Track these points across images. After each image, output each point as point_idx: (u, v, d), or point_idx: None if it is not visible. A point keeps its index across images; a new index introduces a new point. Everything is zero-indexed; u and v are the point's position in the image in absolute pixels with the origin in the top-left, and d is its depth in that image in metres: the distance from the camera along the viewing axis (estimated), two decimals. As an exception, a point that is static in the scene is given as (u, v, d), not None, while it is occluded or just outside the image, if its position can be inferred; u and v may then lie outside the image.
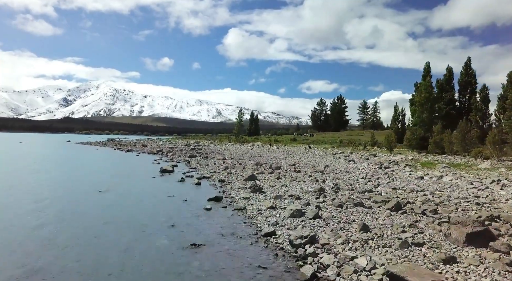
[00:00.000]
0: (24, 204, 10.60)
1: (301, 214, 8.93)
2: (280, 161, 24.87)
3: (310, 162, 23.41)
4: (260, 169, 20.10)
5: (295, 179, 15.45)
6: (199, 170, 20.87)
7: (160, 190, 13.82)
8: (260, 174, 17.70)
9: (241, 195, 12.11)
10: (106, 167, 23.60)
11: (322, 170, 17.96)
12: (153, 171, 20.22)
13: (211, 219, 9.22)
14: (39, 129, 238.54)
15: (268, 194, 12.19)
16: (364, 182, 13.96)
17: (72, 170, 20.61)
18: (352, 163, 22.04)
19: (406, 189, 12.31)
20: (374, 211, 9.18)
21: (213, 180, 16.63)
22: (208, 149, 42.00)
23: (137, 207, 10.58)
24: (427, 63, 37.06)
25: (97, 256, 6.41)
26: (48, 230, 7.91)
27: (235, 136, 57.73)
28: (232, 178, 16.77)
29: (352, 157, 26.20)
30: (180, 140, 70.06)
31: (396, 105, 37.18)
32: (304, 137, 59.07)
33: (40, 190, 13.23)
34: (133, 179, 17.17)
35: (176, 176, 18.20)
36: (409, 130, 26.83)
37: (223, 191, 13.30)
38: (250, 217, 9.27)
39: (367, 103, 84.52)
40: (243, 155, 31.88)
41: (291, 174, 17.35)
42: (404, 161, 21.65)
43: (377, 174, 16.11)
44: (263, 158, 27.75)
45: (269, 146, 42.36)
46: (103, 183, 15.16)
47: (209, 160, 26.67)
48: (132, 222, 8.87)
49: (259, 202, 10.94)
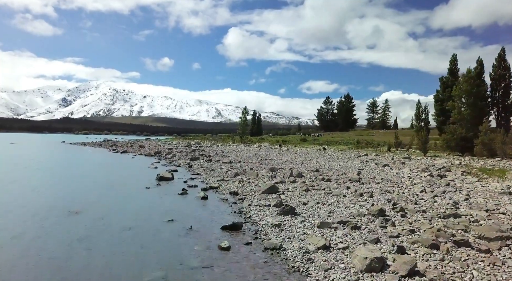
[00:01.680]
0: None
1: (383, 264, 5.40)
2: (298, 165, 21.33)
3: (335, 167, 19.86)
4: (278, 176, 16.58)
5: (329, 192, 11.91)
6: (204, 177, 17.37)
7: (154, 209, 10.27)
8: (281, 183, 14.18)
9: (267, 219, 8.59)
10: (93, 172, 20.03)
11: (358, 178, 14.42)
12: (149, 178, 16.71)
13: (232, 272, 5.68)
14: (38, 129, 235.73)
15: (306, 217, 8.67)
16: (429, 198, 10.41)
17: (49, 177, 17.00)
18: (388, 168, 18.46)
19: (509, 213, 8.59)
20: (504, 261, 5.59)
21: (223, 191, 13.11)
22: (211, 150, 38.46)
23: (117, 248, 7.00)
24: (454, 55, 33.59)
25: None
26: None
27: (239, 136, 54.02)
28: (246, 189, 13.26)
29: (381, 160, 22.63)
30: (180, 140, 66.40)
31: (418, 103, 33.63)
32: (312, 137, 55.45)
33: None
34: (121, 190, 13.61)
35: (176, 185, 14.69)
36: (448, 129, 23.23)
37: (240, 211, 9.76)
38: (297, 268, 5.72)
39: (376, 102, 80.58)
40: (251, 157, 28.34)
41: (320, 184, 13.81)
42: (453, 166, 18.10)
43: (434, 184, 12.55)
44: (276, 162, 24.22)
45: (279, 147, 38.75)
46: (80, 198, 11.61)
47: (214, 164, 23.15)
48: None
49: (298, 232, 7.42)
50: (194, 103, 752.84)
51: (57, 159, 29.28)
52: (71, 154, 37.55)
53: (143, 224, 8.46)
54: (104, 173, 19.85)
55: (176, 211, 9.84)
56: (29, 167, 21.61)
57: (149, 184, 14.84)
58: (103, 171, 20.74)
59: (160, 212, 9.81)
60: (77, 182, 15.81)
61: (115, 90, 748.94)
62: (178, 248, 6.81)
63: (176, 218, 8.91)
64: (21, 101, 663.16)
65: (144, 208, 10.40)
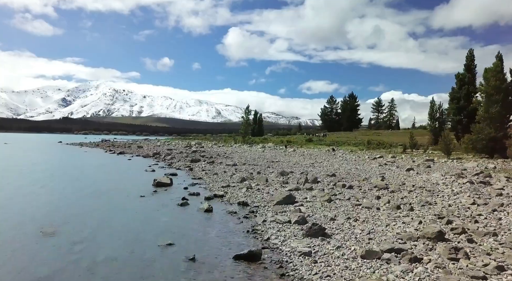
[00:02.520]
0: None
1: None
2: (309, 169, 19.41)
3: (352, 171, 17.93)
4: (290, 181, 14.68)
5: (358, 203, 10.00)
6: (206, 182, 15.48)
7: (148, 226, 8.36)
8: (295, 190, 12.27)
9: (291, 243, 6.68)
10: (83, 176, 18.07)
11: (385, 185, 12.49)
12: (145, 183, 14.83)
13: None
14: (37, 129, 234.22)
15: (340, 240, 6.77)
16: (487, 213, 8.47)
17: (29, 183, 14.96)
18: (414, 173, 16.49)
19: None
20: None
21: (229, 201, 11.22)
22: (213, 151, 36.55)
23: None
24: (471, 50, 31.71)
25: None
26: None
27: (241, 137, 51.93)
28: (256, 198, 11.38)
29: (401, 163, 20.64)
30: (180, 141, 64.40)
31: (432, 101, 31.71)
32: (317, 137, 53.49)
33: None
34: (111, 199, 11.70)
35: (175, 192, 12.81)
36: (474, 129, 21.20)
37: (254, 230, 7.85)
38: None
39: (381, 101, 78.27)
40: (255, 159, 26.44)
41: (343, 192, 11.90)
42: (487, 170, 16.18)
43: (482, 194, 10.60)
44: (284, 164, 22.30)
45: (284, 148, 36.76)
46: (58, 212, 9.69)
47: (217, 166, 21.27)
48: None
49: (338, 266, 5.51)
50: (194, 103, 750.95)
51: (47, 161, 27.36)
52: (64, 155, 35.65)
53: (133, 251, 6.54)
54: (95, 177, 17.90)
55: (175, 230, 7.93)
56: (11, 170, 19.68)
57: (145, 191, 12.94)
58: (94, 175, 18.78)
59: (155, 231, 7.91)
60: (61, 189, 13.86)
61: (114, 90, 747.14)
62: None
63: (175, 241, 7.00)
64: (21, 102, 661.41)
65: (135, 225, 8.48)
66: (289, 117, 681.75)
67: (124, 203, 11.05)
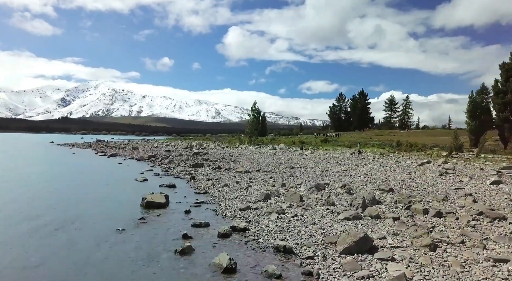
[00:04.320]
0: None
1: None
2: (346, 178, 15.07)
3: (408, 183, 13.51)
4: (336, 200, 10.33)
5: (477, 254, 5.68)
6: (216, 199, 11.17)
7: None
8: (356, 220, 7.96)
9: None
10: (44, 192, 13.21)
11: (496, 213, 8.12)
12: (130, 203, 10.57)
13: None
14: (36, 129, 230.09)
15: None
16: None
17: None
18: (507, 188, 12.02)
19: None
20: None
21: (259, 241, 6.96)
22: (217, 153, 32.14)
23: None
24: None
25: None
26: None
27: (248, 137, 47.37)
28: (300, 235, 7.13)
29: (465, 171, 16.10)
30: (180, 141, 59.85)
31: (472, 95, 27.35)
32: (329, 138, 49.02)
33: None
34: (69, 239, 7.28)
35: (171, 220, 8.53)
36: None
37: None
38: None
39: (395, 99, 73.29)
40: (269, 163, 22.08)
41: (436, 224, 7.56)
42: None
43: None
44: (308, 171, 17.98)
45: (301, 150, 32.24)
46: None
47: (225, 174, 16.99)
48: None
49: None
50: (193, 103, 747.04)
51: (20, 166, 22.87)
52: (48, 157, 31.26)
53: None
54: (65, 191, 13.25)
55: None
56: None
57: (126, 219, 8.61)
58: (65, 187, 14.09)
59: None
60: (19, 213, 9.37)
61: (114, 90, 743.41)
62: None
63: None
64: (20, 101, 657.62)
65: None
66: (288, 117, 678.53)
67: (89, 249, 6.63)
